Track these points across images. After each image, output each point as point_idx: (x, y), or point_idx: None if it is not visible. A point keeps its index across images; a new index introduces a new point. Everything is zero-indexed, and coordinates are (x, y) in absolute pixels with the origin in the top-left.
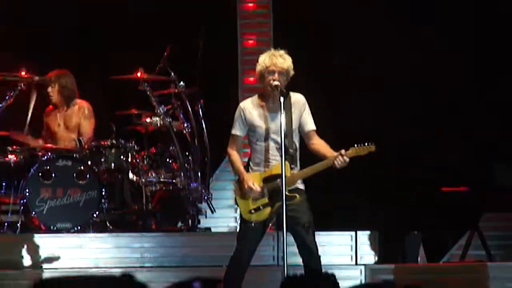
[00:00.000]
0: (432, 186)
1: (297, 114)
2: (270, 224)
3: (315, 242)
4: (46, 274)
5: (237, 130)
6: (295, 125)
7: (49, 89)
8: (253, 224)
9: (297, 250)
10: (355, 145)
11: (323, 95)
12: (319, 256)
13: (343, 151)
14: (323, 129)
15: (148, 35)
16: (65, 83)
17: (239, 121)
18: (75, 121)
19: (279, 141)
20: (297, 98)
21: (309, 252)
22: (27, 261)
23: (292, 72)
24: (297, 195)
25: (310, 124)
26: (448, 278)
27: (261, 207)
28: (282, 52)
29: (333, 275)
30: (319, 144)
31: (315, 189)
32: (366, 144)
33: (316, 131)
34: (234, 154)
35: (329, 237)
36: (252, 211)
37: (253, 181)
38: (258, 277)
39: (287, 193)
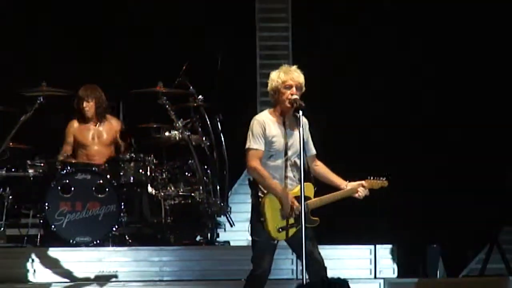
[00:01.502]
0: (451, 200)
1: (305, 135)
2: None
3: (321, 254)
4: None
5: (259, 145)
6: (305, 144)
7: (88, 103)
8: (276, 242)
9: None
10: (369, 177)
11: (343, 98)
12: (326, 267)
13: (364, 183)
14: (344, 129)
15: (167, 48)
16: (100, 97)
17: (260, 134)
18: (110, 136)
19: (293, 159)
20: (304, 120)
21: (318, 264)
22: (47, 275)
23: (304, 88)
24: (318, 219)
25: (313, 149)
26: None
27: (288, 226)
28: (295, 67)
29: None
30: (323, 168)
31: (334, 203)
32: (380, 178)
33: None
34: (263, 169)
35: (348, 250)
36: (280, 229)
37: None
38: None
39: (311, 217)
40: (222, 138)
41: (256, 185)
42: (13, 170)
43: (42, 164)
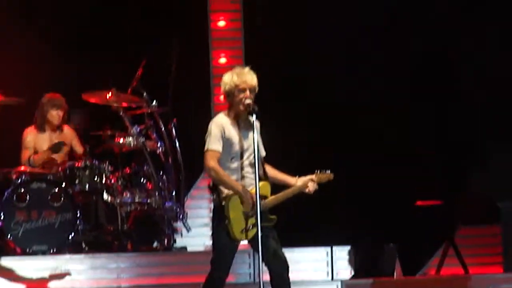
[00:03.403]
0: (407, 200)
1: (258, 138)
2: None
3: (284, 254)
4: None
5: (217, 145)
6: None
7: (58, 112)
8: (238, 244)
9: None
10: (316, 171)
11: (295, 109)
12: (289, 266)
13: (314, 177)
14: (294, 143)
15: (120, 55)
16: (67, 107)
17: (219, 136)
18: (67, 145)
19: (252, 159)
20: (256, 124)
21: (282, 263)
22: (4, 284)
23: (257, 89)
24: (275, 217)
25: (262, 151)
26: None
27: (251, 226)
28: (247, 69)
29: None
30: (271, 169)
31: (290, 205)
32: (325, 171)
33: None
34: (220, 168)
35: (305, 253)
36: (244, 230)
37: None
38: None
39: (269, 216)
40: (177, 144)
41: (217, 188)
42: None
43: None
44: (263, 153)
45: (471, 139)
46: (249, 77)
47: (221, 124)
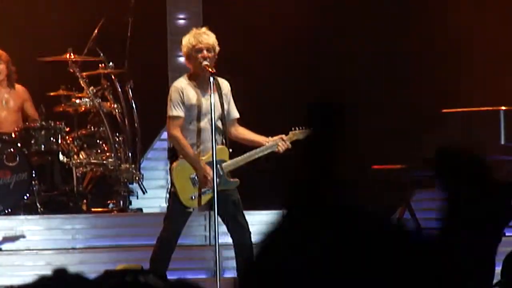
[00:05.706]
0: (363, 164)
1: (225, 98)
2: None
3: (245, 218)
4: None
5: (178, 111)
6: (225, 107)
7: (0, 66)
8: (192, 209)
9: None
10: (293, 129)
11: (252, 72)
12: (250, 232)
13: (284, 136)
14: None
15: (76, 15)
16: (9, 61)
17: (179, 101)
18: (19, 103)
19: (212, 122)
20: (224, 83)
21: (241, 228)
22: None
23: (217, 48)
24: (238, 180)
25: (235, 112)
26: None
27: (202, 192)
28: (204, 29)
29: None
30: (244, 130)
31: (248, 169)
32: (303, 128)
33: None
34: (183, 138)
35: (261, 216)
36: (193, 197)
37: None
38: (190, 257)
39: (229, 179)
40: (134, 105)
41: (174, 151)
42: None
43: None
44: (233, 115)
45: (426, 102)
46: (205, 37)
47: (179, 88)
